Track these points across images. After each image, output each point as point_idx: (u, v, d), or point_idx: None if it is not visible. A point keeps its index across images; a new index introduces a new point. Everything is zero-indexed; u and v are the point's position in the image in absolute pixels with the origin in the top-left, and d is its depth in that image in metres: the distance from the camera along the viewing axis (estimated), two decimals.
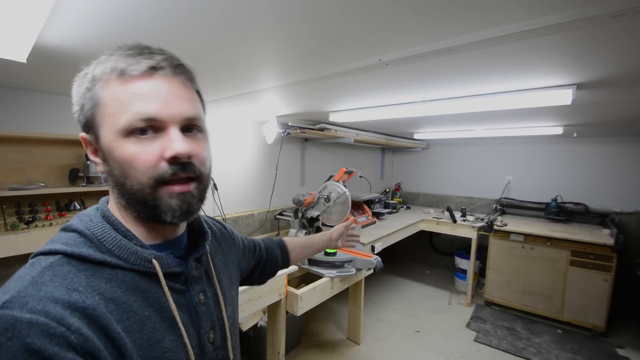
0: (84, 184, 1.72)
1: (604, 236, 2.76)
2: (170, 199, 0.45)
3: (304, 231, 2.46)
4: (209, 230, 0.60)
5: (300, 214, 2.48)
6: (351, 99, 1.77)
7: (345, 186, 2.45)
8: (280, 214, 2.88)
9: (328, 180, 2.54)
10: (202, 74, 1.22)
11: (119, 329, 0.40)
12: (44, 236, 1.51)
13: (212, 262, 0.60)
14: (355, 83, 1.41)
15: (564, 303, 2.82)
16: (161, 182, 0.44)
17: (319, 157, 3.54)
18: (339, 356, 2.39)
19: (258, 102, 1.89)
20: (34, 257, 0.43)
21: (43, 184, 1.59)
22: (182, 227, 0.56)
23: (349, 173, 2.52)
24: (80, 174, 1.71)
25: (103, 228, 0.45)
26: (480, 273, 3.62)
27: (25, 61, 0.97)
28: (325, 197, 2.40)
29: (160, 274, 0.47)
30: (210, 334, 0.53)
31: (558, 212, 3.34)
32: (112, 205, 0.50)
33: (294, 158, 3.22)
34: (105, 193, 0.52)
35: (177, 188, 0.45)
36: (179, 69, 0.47)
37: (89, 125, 0.46)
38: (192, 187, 0.47)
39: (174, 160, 0.44)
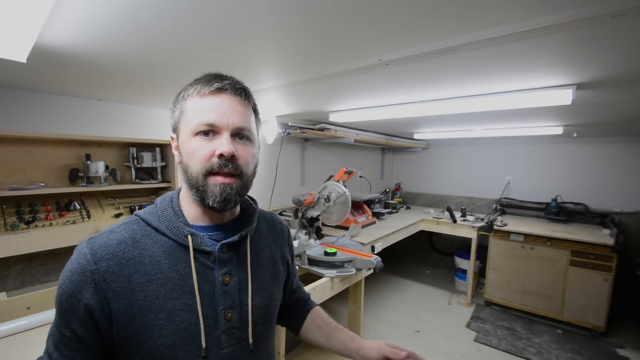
0: (84, 184, 1.72)
1: (604, 236, 2.76)
2: (215, 187, 0.58)
3: (304, 231, 2.46)
4: (255, 222, 0.69)
5: (300, 214, 2.47)
6: (351, 99, 1.77)
7: (345, 186, 2.45)
8: (280, 213, 2.88)
9: (328, 180, 2.54)
10: (202, 73, 1.22)
11: (142, 279, 0.54)
12: (44, 236, 1.51)
13: (253, 253, 0.68)
14: (355, 83, 1.41)
15: (564, 303, 2.82)
16: (210, 172, 0.58)
17: (319, 157, 3.54)
18: (339, 356, 2.39)
19: (258, 102, 1.88)
20: (133, 213, 0.65)
21: (43, 184, 1.59)
22: (230, 215, 0.67)
23: (349, 173, 2.52)
24: (80, 174, 1.71)
25: (165, 206, 0.62)
26: (480, 273, 3.62)
27: (25, 61, 0.97)
28: (325, 197, 2.40)
29: (191, 248, 0.58)
30: (228, 313, 0.60)
31: (558, 212, 3.34)
32: (183, 189, 0.65)
33: (294, 158, 3.22)
34: (106, 193, 0.66)
35: (220, 179, 0.58)
36: (240, 91, 0.61)
37: (175, 128, 0.62)
38: (233, 181, 0.59)
39: (221, 157, 0.57)
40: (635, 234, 3.07)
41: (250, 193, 0.66)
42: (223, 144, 0.57)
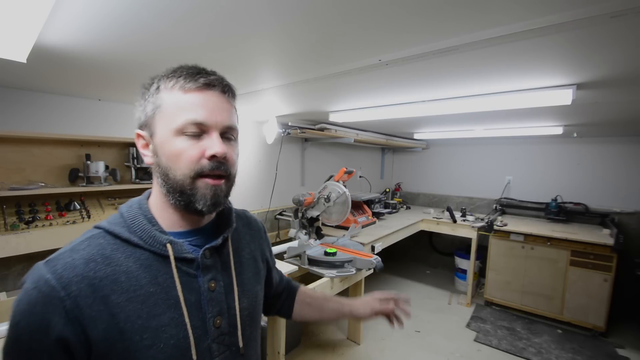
0: (84, 184, 1.72)
1: (604, 236, 2.76)
2: (205, 189, 0.54)
3: (303, 231, 2.46)
4: (234, 224, 0.66)
5: (300, 214, 2.47)
6: (351, 99, 1.77)
7: (345, 186, 2.45)
8: (280, 214, 2.88)
9: (328, 180, 2.54)
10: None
11: (119, 299, 0.49)
12: (44, 236, 1.51)
13: (235, 254, 0.65)
14: (355, 83, 1.41)
15: (564, 303, 2.82)
16: (199, 175, 0.54)
17: (319, 157, 3.54)
18: (339, 356, 2.39)
19: (258, 102, 1.89)
20: (92, 227, 0.55)
21: (43, 184, 1.59)
22: (208, 217, 0.62)
23: (349, 173, 2.52)
24: (80, 174, 1.71)
25: (135, 214, 0.56)
26: (480, 273, 3.62)
27: (25, 61, 0.97)
28: (325, 197, 2.40)
29: (172, 257, 0.54)
30: (217, 320, 0.57)
31: (558, 212, 3.34)
32: (155, 194, 0.59)
33: (294, 158, 3.22)
34: (106, 193, 0.62)
35: (211, 181, 0.55)
36: (227, 88, 0.57)
37: (147, 124, 0.56)
38: (222, 182, 0.56)
39: (212, 158, 0.54)
40: (635, 234, 3.07)
41: (250, 193, 0.67)
42: (215, 145, 0.53)
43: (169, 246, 0.54)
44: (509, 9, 0.72)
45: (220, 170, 0.55)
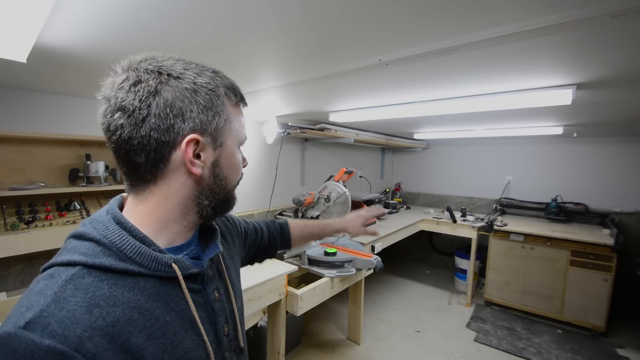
0: (84, 184, 1.72)
1: (604, 236, 2.76)
2: (235, 194, 0.58)
3: None
4: (217, 227, 0.63)
5: (300, 214, 2.47)
6: (351, 99, 1.77)
7: (345, 186, 2.45)
8: (280, 213, 2.88)
9: (328, 180, 2.54)
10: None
11: (140, 340, 0.42)
12: (44, 236, 1.51)
13: (222, 258, 0.63)
14: (355, 83, 1.41)
15: (564, 303, 2.82)
16: (239, 182, 0.59)
17: (319, 157, 3.54)
18: (339, 356, 2.39)
19: (258, 102, 1.89)
20: (50, 267, 0.43)
21: (43, 184, 1.59)
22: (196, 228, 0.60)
23: (349, 173, 2.52)
24: (80, 174, 1.71)
25: (121, 236, 0.45)
26: (480, 273, 3.62)
27: (25, 61, 0.97)
28: (325, 197, 2.40)
29: (181, 277, 0.48)
30: (225, 328, 0.56)
31: (558, 212, 3.34)
32: (156, 208, 0.50)
33: (294, 158, 3.22)
34: (106, 193, 0.56)
35: None
36: None
37: (214, 134, 0.51)
38: None
39: (244, 167, 0.59)
40: (635, 234, 3.07)
41: (250, 193, 0.68)
42: (244, 155, 0.59)
43: (174, 266, 0.48)
44: (509, 9, 0.72)
45: None
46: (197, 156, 0.49)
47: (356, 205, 3.18)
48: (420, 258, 4.56)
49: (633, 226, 3.09)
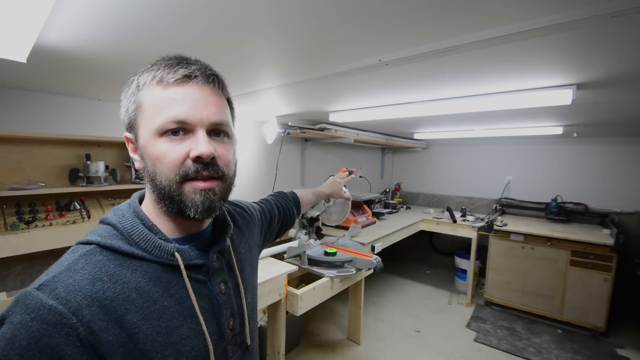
0: (84, 184, 1.72)
1: (604, 236, 2.76)
2: (194, 194, 0.50)
3: (303, 231, 2.46)
4: (231, 223, 0.64)
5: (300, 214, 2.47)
6: (351, 99, 1.77)
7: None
8: None
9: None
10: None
11: (135, 318, 0.44)
12: (44, 236, 1.51)
13: (235, 252, 0.64)
14: (355, 83, 1.41)
15: (564, 303, 2.82)
16: (185, 178, 0.49)
17: (319, 157, 3.54)
18: (339, 356, 2.39)
19: (258, 102, 1.89)
20: (76, 244, 0.49)
21: (43, 184, 1.59)
22: (207, 221, 0.59)
23: (349, 173, 2.51)
24: (80, 174, 1.71)
25: (132, 223, 0.50)
26: (480, 273, 3.62)
27: (25, 61, 0.97)
28: None
29: (182, 266, 0.51)
30: (230, 322, 0.56)
31: (558, 212, 3.34)
32: (147, 200, 0.55)
33: (294, 158, 3.22)
34: (106, 193, 0.60)
35: (200, 185, 0.50)
36: (212, 78, 0.51)
37: (132, 126, 0.51)
38: (214, 185, 0.51)
39: (198, 160, 0.49)
40: (635, 234, 3.07)
41: (250, 193, 0.68)
42: (200, 144, 0.48)
43: (177, 255, 0.50)
44: (509, 9, 0.72)
45: (210, 171, 0.50)
46: (136, 151, 0.53)
47: (356, 205, 3.18)
48: (420, 258, 4.56)
49: (633, 226, 3.09)
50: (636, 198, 3.10)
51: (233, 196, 0.62)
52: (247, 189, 2.70)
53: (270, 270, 1.78)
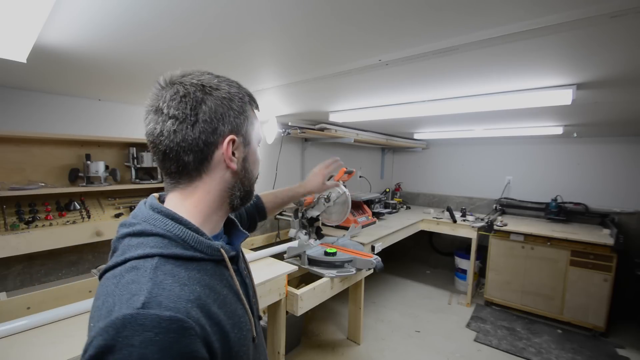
0: (84, 184, 1.72)
1: (604, 236, 2.76)
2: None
3: (303, 231, 2.46)
4: (234, 218, 0.72)
5: (300, 214, 2.47)
6: (351, 99, 1.77)
7: (345, 186, 2.45)
8: (280, 213, 2.88)
9: (328, 180, 2.53)
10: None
11: (215, 309, 0.50)
12: (44, 236, 1.51)
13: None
14: (355, 83, 1.41)
15: (564, 303, 2.82)
16: None
17: (319, 157, 3.54)
18: (339, 356, 2.39)
19: (258, 102, 1.89)
20: (124, 262, 0.49)
21: (43, 184, 1.59)
22: None
23: (349, 173, 2.52)
24: (80, 174, 1.71)
25: (181, 229, 0.54)
26: (480, 273, 3.62)
27: (25, 61, 0.97)
28: (325, 197, 2.40)
29: (227, 259, 0.58)
30: (253, 299, 0.67)
31: (558, 212, 3.34)
32: (203, 201, 0.58)
33: (294, 158, 3.22)
34: (106, 193, 0.61)
35: None
36: None
37: (240, 131, 0.59)
38: None
39: None
40: (635, 234, 3.07)
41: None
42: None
43: (222, 251, 0.58)
44: (509, 9, 0.72)
45: None
46: (233, 153, 0.58)
47: (356, 205, 3.18)
48: (420, 258, 4.56)
49: (633, 226, 3.09)
50: (636, 198, 3.10)
51: None
52: None
53: (270, 270, 1.78)
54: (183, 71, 0.57)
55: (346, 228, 2.63)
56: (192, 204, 0.58)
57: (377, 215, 3.40)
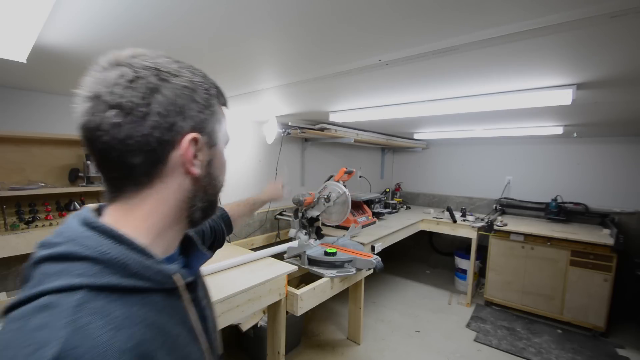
0: (84, 184, 1.72)
1: (604, 236, 2.76)
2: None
3: (304, 231, 2.46)
4: (194, 235, 0.60)
5: (300, 214, 2.47)
6: (351, 99, 1.77)
7: (345, 186, 2.45)
8: (280, 214, 2.88)
9: (328, 180, 2.54)
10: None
11: (163, 355, 0.40)
12: (44, 236, 1.50)
13: None
14: (355, 83, 1.41)
15: (564, 303, 2.82)
16: None
17: (319, 157, 3.54)
18: (339, 356, 2.39)
19: (258, 102, 1.89)
20: (39, 296, 0.36)
21: (43, 184, 1.59)
22: None
23: (349, 173, 2.52)
24: (80, 174, 1.71)
25: (120, 250, 0.41)
26: (480, 273, 3.62)
27: (25, 61, 0.97)
28: (325, 197, 2.40)
29: (182, 288, 0.47)
30: (213, 335, 0.56)
31: (558, 212, 3.34)
32: (156, 213, 0.47)
33: (294, 158, 3.22)
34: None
35: None
36: None
37: (205, 129, 0.49)
38: None
39: None
40: (635, 234, 3.07)
41: (250, 193, 0.69)
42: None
43: (177, 277, 0.46)
44: (509, 9, 0.72)
45: None
46: (195, 156, 0.47)
47: (356, 205, 3.18)
48: (420, 258, 4.56)
49: (633, 226, 3.09)
50: (636, 198, 3.10)
51: (232, 197, 0.63)
52: (247, 189, 2.70)
53: (270, 270, 1.78)
54: (133, 51, 0.47)
55: (346, 228, 2.63)
56: (139, 217, 0.45)
57: (377, 215, 3.40)
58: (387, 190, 4.37)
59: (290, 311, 1.82)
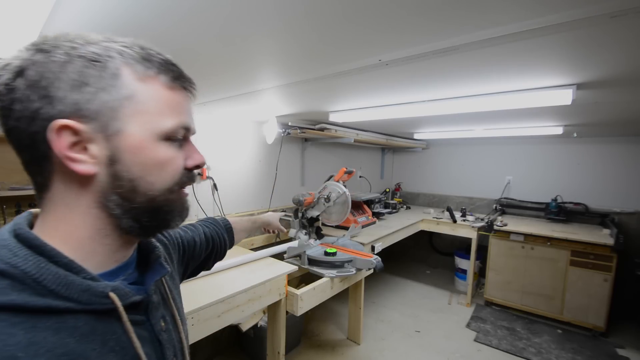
0: None
1: (604, 236, 2.76)
2: (183, 203, 0.47)
3: (303, 231, 2.46)
4: (158, 245, 0.54)
5: (300, 214, 2.47)
6: (351, 99, 1.77)
7: (345, 186, 2.45)
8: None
9: (328, 180, 2.54)
10: (202, 73, 1.22)
11: None
12: None
13: (165, 279, 0.55)
14: (355, 83, 1.41)
15: (564, 303, 2.82)
16: (181, 187, 0.46)
17: (319, 157, 3.54)
18: (339, 356, 2.39)
19: (258, 102, 1.89)
20: None
21: None
22: (134, 246, 0.49)
23: (349, 173, 2.52)
24: None
25: (36, 262, 0.35)
26: (480, 273, 3.62)
27: None
28: (325, 197, 2.40)
29: (121, 309, 0.40)
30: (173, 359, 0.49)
31: (558, 212, 3.34)
32: (73, 225, 0.40)
33: (294, 158, 3.22)
34: None
35: (185, 192, 0.48)
36: (195, 91, 0.48)
37: (98, 116, 0.38)
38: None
39: (194, 168, 0.47)
40: (635, 234, 3.07)
41: (250, 193, 0.67)
42: (197, 153, 0.47)
43: (113, 296, 0.39)
44: (509, 9, 0.72)
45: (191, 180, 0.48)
46: (84, 150, 0.38)
47: (356, 205, 3.18)
48: (420, 258, 4.56)
49: (633, 226, 3.09)
50: (636, 198, 3.10)
51: (232, 197, 0.60)
52: (247, 189, 2.70)
53: (270, 270, 1.78)
54: (69, 33, 0.39)
55: (346, 228, 2.63)
56: (67, 227, 0.39)
57: (377, 215, 3.40)
58: (387, 190, 4.37)
59: (290, 311, 1.82)
